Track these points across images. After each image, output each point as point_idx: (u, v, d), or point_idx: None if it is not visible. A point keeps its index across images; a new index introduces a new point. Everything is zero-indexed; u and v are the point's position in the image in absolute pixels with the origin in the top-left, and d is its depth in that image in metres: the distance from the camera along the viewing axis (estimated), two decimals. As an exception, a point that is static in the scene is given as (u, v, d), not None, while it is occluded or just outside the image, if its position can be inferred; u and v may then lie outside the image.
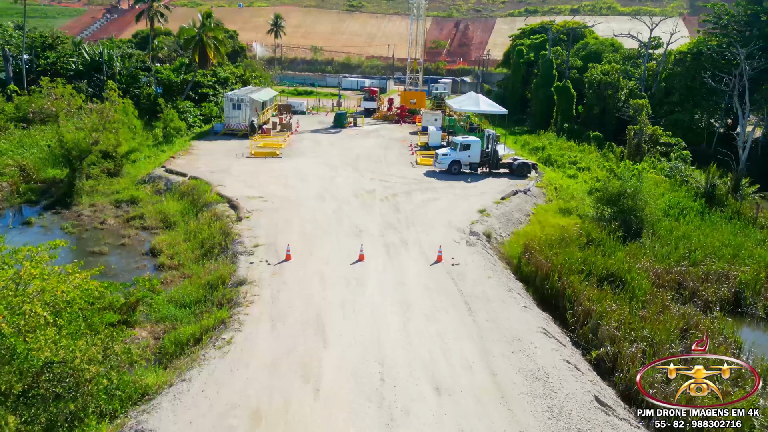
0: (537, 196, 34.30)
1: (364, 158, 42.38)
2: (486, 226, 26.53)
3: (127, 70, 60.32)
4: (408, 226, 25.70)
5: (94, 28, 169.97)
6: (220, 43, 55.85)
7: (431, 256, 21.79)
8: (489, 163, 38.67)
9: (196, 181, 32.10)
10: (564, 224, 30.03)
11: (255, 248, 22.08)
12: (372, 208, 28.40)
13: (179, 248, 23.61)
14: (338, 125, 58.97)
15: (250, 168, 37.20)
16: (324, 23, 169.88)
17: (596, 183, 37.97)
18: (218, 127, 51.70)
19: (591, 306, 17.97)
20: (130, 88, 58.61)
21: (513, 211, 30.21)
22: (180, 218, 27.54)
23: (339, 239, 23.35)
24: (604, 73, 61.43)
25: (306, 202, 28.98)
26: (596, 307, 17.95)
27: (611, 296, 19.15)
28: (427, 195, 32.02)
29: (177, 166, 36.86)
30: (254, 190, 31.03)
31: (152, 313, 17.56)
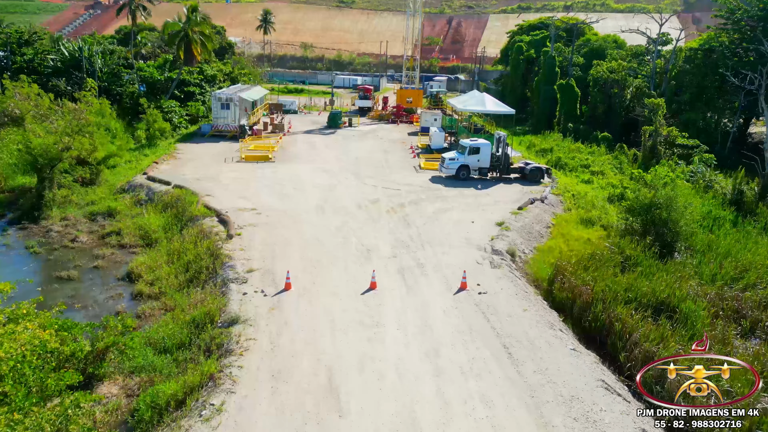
0: (554, 205, 31.49)
1: (364, 163, 39.35)
2: (508, 242, 23.64)
3: (109, 67, 56.71)
4: (422, 244, 22.73)
5: (77, 24, 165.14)
6: (207, 39, 52.45)
7: (454, 283, 18.84)
8: (499, 167, 35.81)
9: (180, 191, 28.89)
10: (588, 237, 27.28)
11: (248, 274, 18.99)
12: (379, 223, 25.40)
13: (161, 272, 20.46)
14: (333, 125, 55.89)
15: (240, 174, 34.02)
16: (314, 19, 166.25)
17: (614, 189, 35.30)
18: (206, 128, 48.38)
19: (652, 348, 15.11)
20: (112, 86, 55.19)
21: (533, 223, 27.36)
22: (162, 235, 24.36)
23: (346, 262, 20.33)
24: (610, 70, 58.89)
25: (305, 216, 25.91)
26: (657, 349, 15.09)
27: (669, 333, 16.30)
28: (438, 205, 29.08)
29: (160, 172, 33.58)
30: (246, 201, 27.90)
31: (125, 361, 14.44)
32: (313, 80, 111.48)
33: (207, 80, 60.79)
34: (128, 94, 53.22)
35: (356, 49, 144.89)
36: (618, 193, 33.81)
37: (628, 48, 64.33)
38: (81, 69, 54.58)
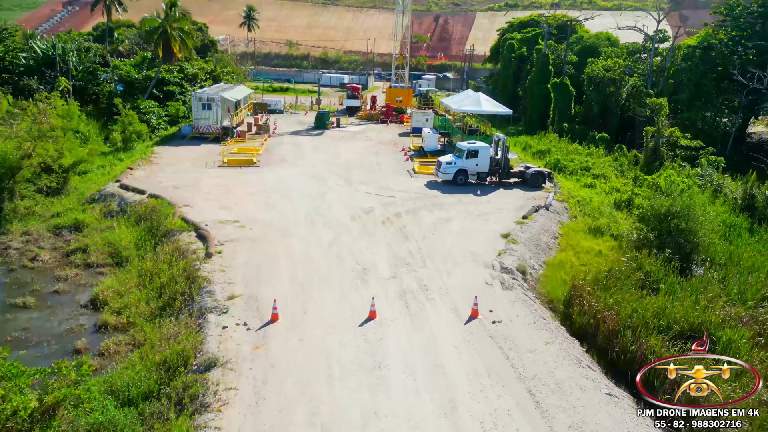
0: (560, 212, 29.51)
1: (355, 166, 37.07)
2: (517, 257, 21.54)
3: (84, 65, 53.75)
4: (423, 260, 20.53)
5: (54, 21, 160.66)
6: (187, 35, 49.76)
7: (463, 310, 16.67)
8: (499, 172, 33.75)
9: (156, 201, 26.39)
10: (599, 248, 25.33)
11: (229, 301, 16.65)
12: (375, 236, 23.16)
13: (130, 299, 18.04)
14: (320, 126, 53.54)
15: (222, 181, 31.57)
16: (299, 16, 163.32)
17: (619, 194, 33.42)
18: (186, 129, 45.74)
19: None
20: (88, 85, 52.43)
21: (540, 234, 25.32)
22: (134, 252, 21.90)
23: (341, 285, 18.06)
24: (605, 68, 57.20)
25: (294, 230, 23.58)
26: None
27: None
28: (436, 214, 26.92)
29: (135, 179, 31.00)
30: (228, 212, 25.49)
31: (81, 416, 12.06)
32: (298, 79, 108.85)
33: (188, 79, 58.07)
34: (105, 94, 50.41)
35: (342, 46, 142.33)
36: (625, 198, 31.93)
37: (623, 45, 62.69)
38: (55, 67, 51.60)
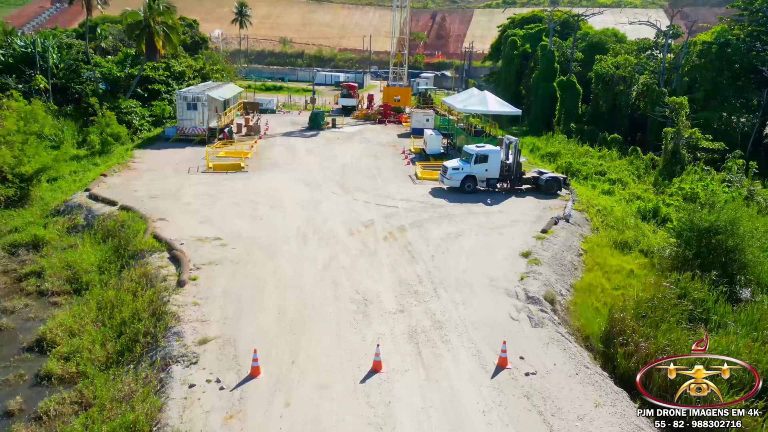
0: (580, 224, 26.54)
1: (353, 171, 34.02)
2: (542, 282, 18.55)
3: (66, 63, 50.52)
4: (434, 288, 17.50)
5: (42, 18, 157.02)
6: (172, 30, 46.50)
7: (488, 356, 13.64)
8: (511, 178, 30.76)
9: (127, 214, 23.24)
10: (630, 267, 22.40)
11: (201, 347, 13.57)
12: (377, 256, 20.11)
13: (83, 340, 14.93)
14: (315, 126, 50.48)
15: (205, 189, 28.45)
16: (293, 14, 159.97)
17: (643, 203, 30.47)
18: (170, 131, 42.53)
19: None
20: (69, 84, 49.16)
21: (563, 251, 22.33)
22: (96, 277, 18.77)
23: (338, 323, 14.99)
24: (615, 65, 54.33)
25: (283, 247, 20.51)
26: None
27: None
28: (444, 228, 23.90)
29: (107, 188, 27.85)
30: (209, 227, 22.39)
31: None
32: (292, 77, 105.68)
33: (174, 77, 54.75)
34: (88, 94, 47.29)
35: (337, 44, 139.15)
36: (651, 208, 29.00)
37: (632, 42, 59.78)
38: (34, 65, 48.33)
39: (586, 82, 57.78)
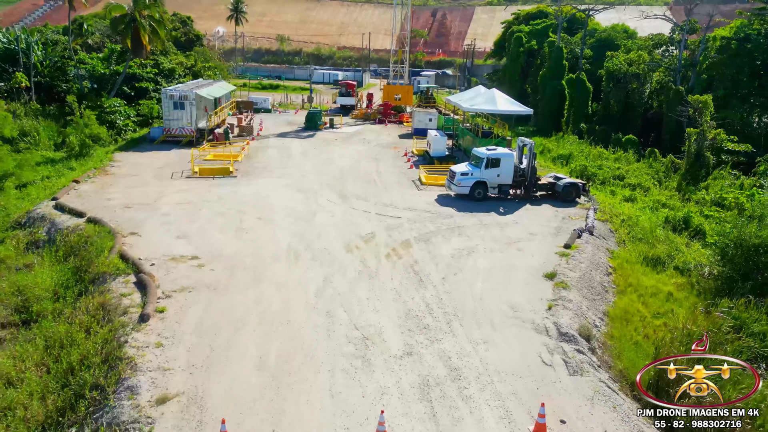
0: (605, 237, 23.78)
1: (351, 176, 31.26)
2: (573, 312, 15.78)
3: (51, 60, 47.80)
4: (448, 322, 14.73)
5: (36, 15, 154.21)
6: (159, 25, 43.64)
7: (521, 420, 10.84)
8: (525, 184, 27.98)
9: (94, 227, 20.44)
10: (667, 288, 19.64)
11: (159, 408, 10.78)
12: (378, 278, 17.34)
13: (19, 392, 12.14)
14: (311, 127, 47.71)
15: (188, 197, 25.67)
16: (291, 11, 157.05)
17: (672, 212, 27.66)
18: (156, 132, 39.73)
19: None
20: (55, 82, 46.48)
21: (591, 270, 19.57)
22: (49, 306, 15.96)
23: (332, 372, 12.19)
24: (628, 62, 51.52)
25: (271, 269, 17.74)
26: None
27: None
28: (455, 243, 21.13)
29: (78, 196, 25.05)
30: (187, 243, 19.61)
31: None
32: (289, 75, 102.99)
33: (164, 75, 51.97)
34: (75, 92, 44.61)
35: (336, 42, 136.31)
36: (681, 217, 26.22)
37: (645, 38, 56.86)
38: (17, 63, 45.59)
39: (595, 80, 55.05)
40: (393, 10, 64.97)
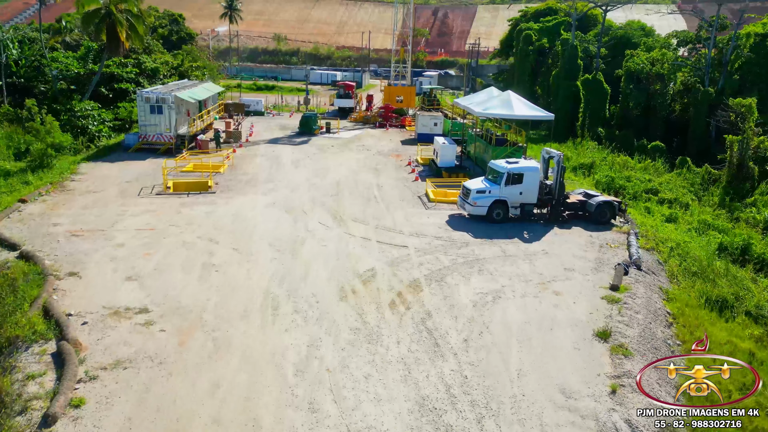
0: (654, 271, 19.56)
1: (348, 191, 27.11)
2: (647, 401, 11.57)
3: (27, 59, 43.81)
4: (479, 419, 10.57)
5: (27, 14, 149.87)
6: (137, 20, 39.51)
7: None
8: (552, 203, 23.79)
9: (24, 266, 16.25)
10: (747, 346, 15.48)
11: None
12: (380, 342, 13.16)
13: None
14: (306, 131, 43.66)
15: (152, 220, 21.50)
16: (288, 10, 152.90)
17: (727, 237, 23.43)
18: (131, 139, 35.55)
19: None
20: (31, 82, 42.52)
21: (650, 323, 15.39)
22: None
23: None
24: (651, 62, 47.40)
25: (237, 332, 13.53)
26: None
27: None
28: (475, 283, 16.96)
29: (18, 221, 20.84)
30: (136, 289, 15.42)
31: None
32: (286, 76, 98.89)
33: (147, 75, 47.73)
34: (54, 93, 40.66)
35: (335, 41, 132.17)
36: (739, 244, 22.03)
37: (668, 34, 52.57)
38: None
39: (612, 81, 50.98)
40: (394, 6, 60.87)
